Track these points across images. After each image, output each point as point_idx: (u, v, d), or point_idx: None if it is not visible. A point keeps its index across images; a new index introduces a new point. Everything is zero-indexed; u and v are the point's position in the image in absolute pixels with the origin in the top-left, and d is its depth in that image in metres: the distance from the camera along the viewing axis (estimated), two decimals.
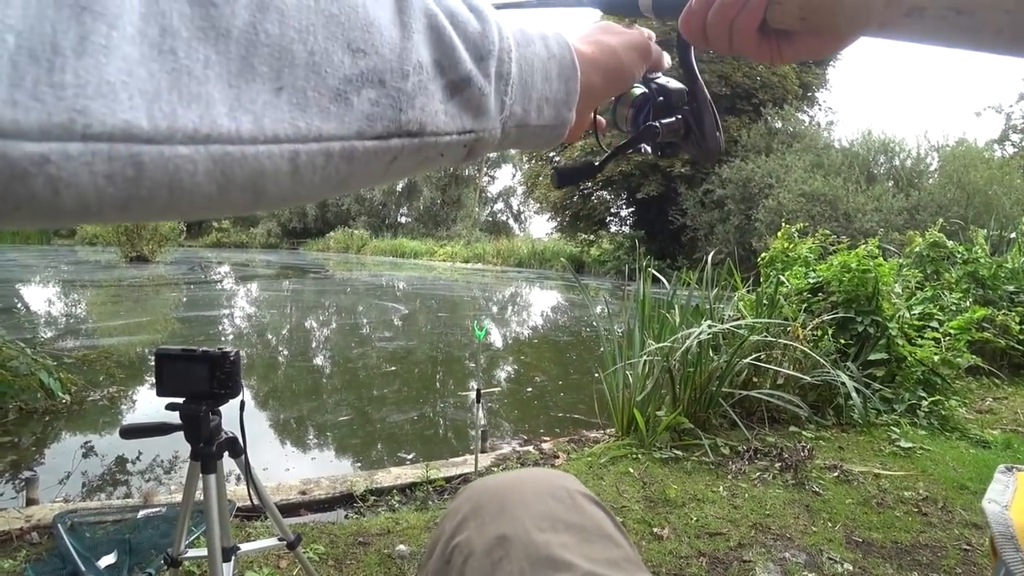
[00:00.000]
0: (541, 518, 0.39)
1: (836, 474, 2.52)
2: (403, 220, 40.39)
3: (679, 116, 0.45)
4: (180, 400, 0.94)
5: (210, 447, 0.97)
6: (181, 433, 0.99)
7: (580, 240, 26.05)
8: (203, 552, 1.13)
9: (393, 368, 5.22)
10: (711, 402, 2.96)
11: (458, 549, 0.39)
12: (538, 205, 28.01)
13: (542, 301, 13.14)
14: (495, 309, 10.65)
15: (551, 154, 25.33)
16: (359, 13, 0.24)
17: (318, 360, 5.70)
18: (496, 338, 7.30)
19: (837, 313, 3.66)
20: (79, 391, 3.70)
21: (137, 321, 7.23)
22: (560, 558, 0.35)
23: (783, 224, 5.11)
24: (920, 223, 12.08)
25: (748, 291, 3.89)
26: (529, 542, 0.36)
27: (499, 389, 4.68)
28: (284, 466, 2.95)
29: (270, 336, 6.83)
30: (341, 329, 7.70)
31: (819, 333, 3.50)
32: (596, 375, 3.70)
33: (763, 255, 4.91)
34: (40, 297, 9.80)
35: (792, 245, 4.73)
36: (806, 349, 3.19)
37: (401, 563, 1.70)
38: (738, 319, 3.29)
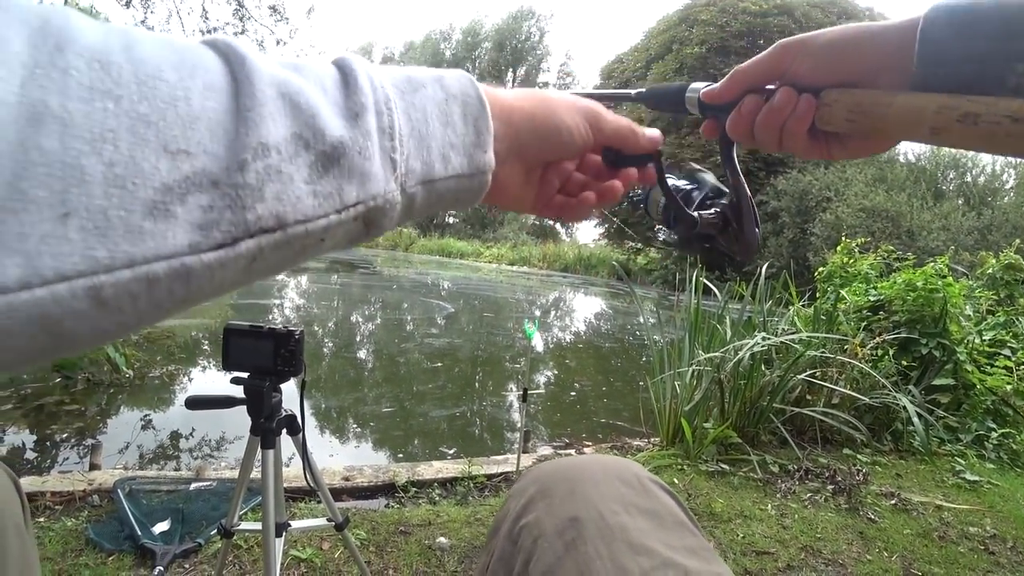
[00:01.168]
0: (613, 501, 0.37)
1: (893, 502, 2.39)
2: (451, 220, 40.84)
3: (719, 210, 0.45)
4: (244, 375, 0.97)
5: (270, 423, 0.99)
6: (233, 413, 1.02)
7: (627, 248, 25.72)
8: (255, 525, 1.16)
9: (436, 365, 5.28)
10: (761, 417, 2.86)
11: (527, 529, 0.37)
12: None
13: (586, 307, 13.04)
14: (539, 312, 10.62)
15: None
16: (179, 108, 0.21)
17: (363, 353, 5.82)
18: (539, 341, 7.28)
19: (900, 333, 3.48)
20: (141, 367, 3.88)
21: (197, 307, 7.54)
22: (639, 543, 0.33)
23: (842, 239, 4.91)
24: (992, 244, 11.38)
25: (804, 306, 3.75)
26: (604, 525, 0.34)
27: (542, 392, 4.66)
28: (327, 452, 3.03)
29: (317, 327, 7.01)
30: (387, 324, 7.83)
31: (879, 353, 3.33)
32: (641, 384, 3.64)
33: (820, 269, 4.72)
34: None
35: (852, 260, 4.54)
36: (865, 368, 3.04)
37: (441, 555, 1.71)
38: (793, 333, 3.18)
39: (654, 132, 0.43)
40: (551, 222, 43.32)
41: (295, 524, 1.20)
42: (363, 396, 4.08)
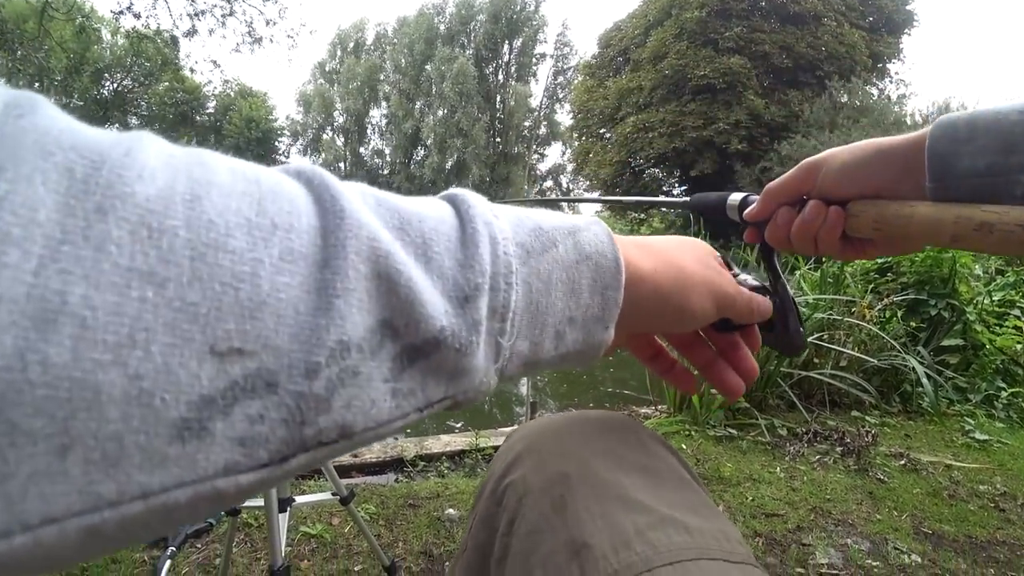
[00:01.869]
0: (606, 456, 0.33)
1: (903, 462, 2.38)
2: None
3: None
4: None
5: None
6: None
7: (630, 219, 25.59)
8: (260, 503, 1.15)
9: None
10: (769, 381, 2.85)
11: (512, 488, 0.33)
12: (588, 183, 27.60)
13: None
14: None
15: None
16: (240, 292, 0.16)
17: None
18: None
19: (908, 294, 3.45)
20: None
21: None
22: (634, 499, 0.30)
23: None
24: None
25: (810, 269, 3.71)
26: (596, 481, 0.31)
27: None
28: None
29: None
30: None
31: (888, 314, 3.30)
32: None
33: None
34: None
35: None
36: (873, 330, 3.01)
37: (450, 526, 1.71)
38: (800, 296, 3.14)
39: (765, 303, 0.40)
40: (552, 195, 43.10)
41: (300, 499, 1.19)
42: None
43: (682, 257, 0.33)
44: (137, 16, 6.53)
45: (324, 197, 0.20)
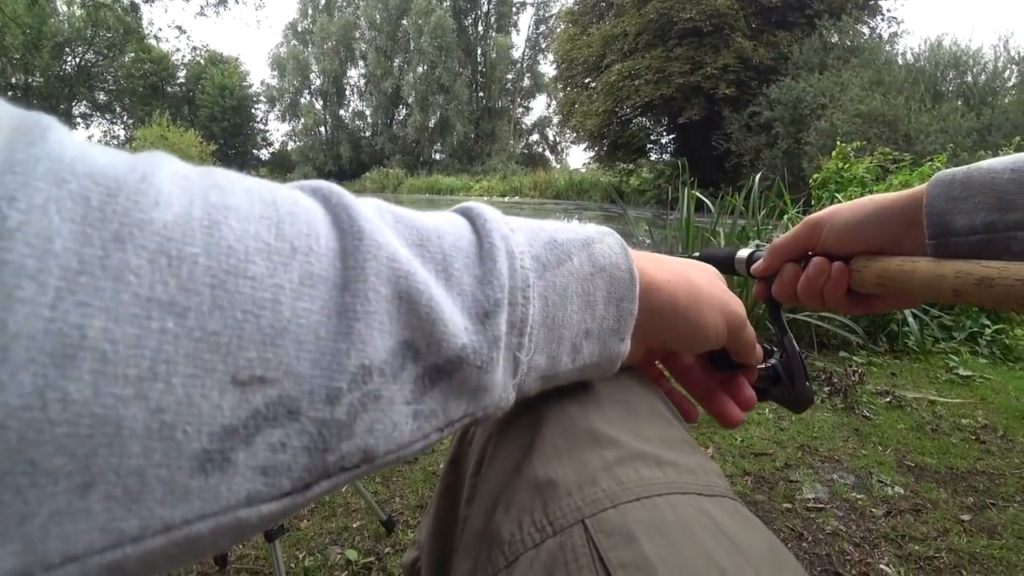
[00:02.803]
0: (580, 393, 0.32)
1: (888, 399, 2.43)
2: (437, 157, 40.04)
3: (771, 366, 0.49)
4: None
5: None
6: None
7: (619, 169, 25.34)
8: None
9: None
10: (757, 325, 2.87)
11: (481, 431, 0.32)
12: (574, 134, 27.18)
13: None
14: None
15: None
16: (262, 319, 0.16)
17: None
18: None
19: None
20: None
21: None
22: (602, 433, 0.28)
23: (837, 145, 4.79)
24: (992, 145, 11.18)
25: (798, 213, 3.70)
26: (567, 418, 0.29)
27: None
28: None
29: None
30: None
31: None
32: None
33: (815, 176, 4.64)
34: None
35: (847, 165, 4.45)
36: None
37: None
38: None
39: (760, 350, 0.40)
40: (540, 149, 42.53)
41: None
42: None
43: (695, 275, 0.33)
44: None
45: (342, 217, 0.19)
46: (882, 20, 22.32)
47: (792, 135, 16.22)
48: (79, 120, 36.98)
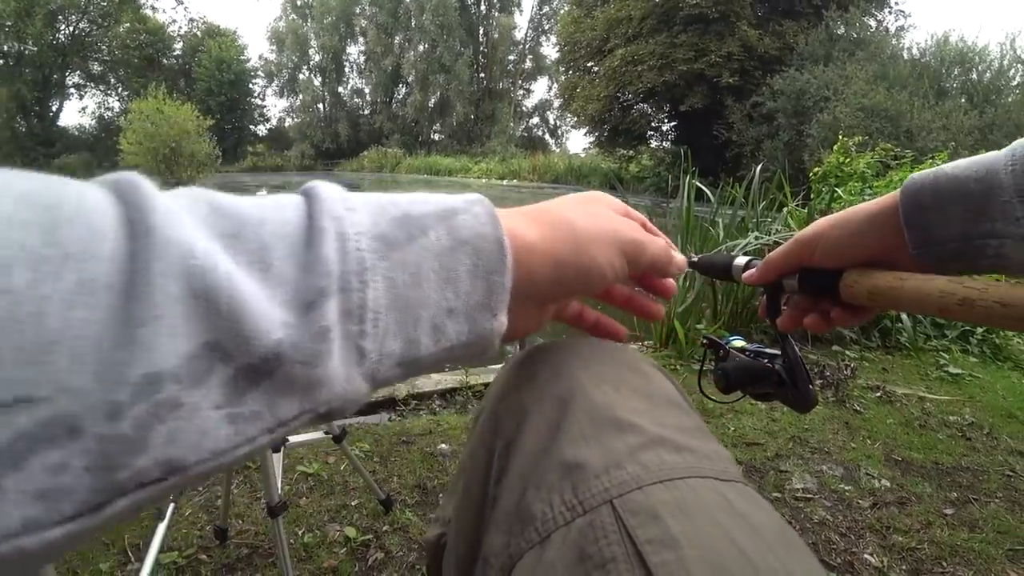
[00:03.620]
0: (601, 380, 0.33)
1: (879, 394, 2.47)
2: (436, 137, 39.75)
3: (775, 370, 0.51)
4: None
5: None
6: None
7: (619, 156, 25.23)
8: None
9: None
10: (753, 317, 2.91)
11: (509, 412, 0.33)
12: (575, 119, 26.97)
13: None
14: None
15: None
16: (25, 332, 0.14)
17: None
18: None
19: None
20: None
21: None
22: (625, 419, 0.30)
23: (839, 138, 4.79)
24: (993, 143, 11.14)
25: (798, 206, 3.71)
26: (591, 405, 0.31)
27: None
28: None
29: None
30: None
31: None
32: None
33: (815, 169, 4.65)
34: None
35: (848, 159, 4.45)
36: None
37: (443, 460, 1.77)
38: (787, 232, 3.16)
39: (682, 258, 0.40)
40: (540, 133, 42.25)
41: (293, 439, 1.22)
42: None
43: (577, 215, 0.31)
44: None
45: (133, 216, 0.18)
46: (889, 13, 22.11)
47: (794, 127, 16.16)
48: (72, 90, 36.53)
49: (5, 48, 30.46)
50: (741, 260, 0.56)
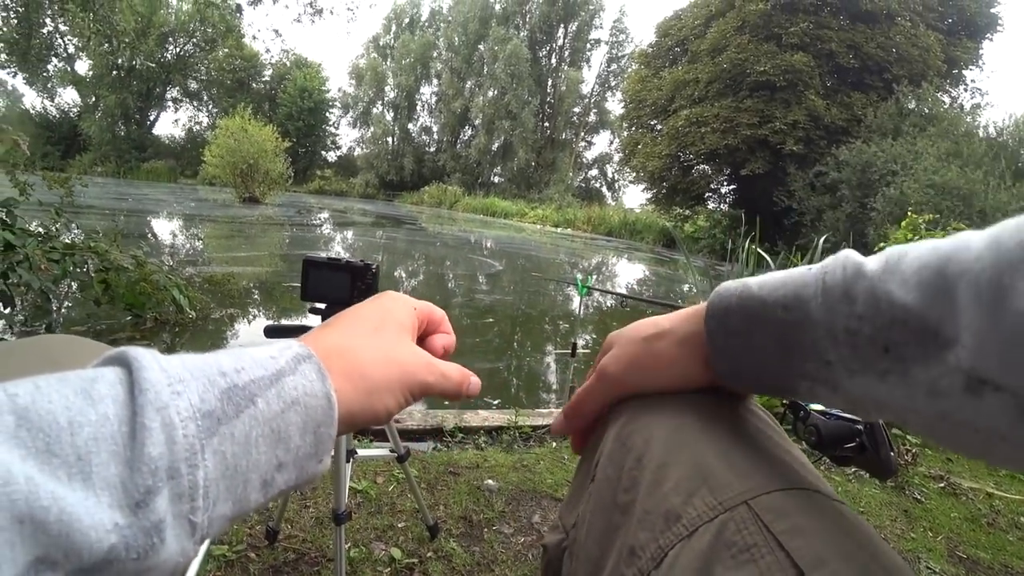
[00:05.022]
0: (715, 408, 0.41)
1: (942, 485, 2.34)
2: (496, 179, 40.71)
3: (857, 434, 0.51)
4: (321, 305, 1.01)
5: None
6: None
7: (675, 214, 25.16)
8: None
9: (478, 320, 5.36)
10: None
11: (637, 432, 0.39)
12: (634, 174, 27.19)
13: (630, 272, 12.92)
14: (580, 276, 10.60)
15: None
16: None
17: None
18: (582, 304, 7.28)
19: None
20: (202, 309, 4.09)
21: (248, 255, 7.85)
22: (739, 443, 0.38)
23: (907, 214, 4.67)
24: None
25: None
26: (708, 426, 0.38)
27: (588, 351, 4.70)
28: None
29: None
30: (429, 279, 7.97)
31: None
32: None
33: (880, 245, 4.53)
34: (170, 228, 10.85)
35: (917, 237, 4.33)
36: None
37: (490, 495, 1.79)
38: None
39: (476, 384, 0.40)
40: (598, 184, 42.67)
41: (361, 452, 1.28)
42: None
43: (368, 356, 0.32)
44: None
45: None
46: (965, 90, 21.62)
47: (858, 199, 15.78)
48: (170, 103, 40.68)
49: (119, 61, 34.18)
50: None
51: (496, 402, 3.16)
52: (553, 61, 40.80)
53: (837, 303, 0.31)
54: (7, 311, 2.94)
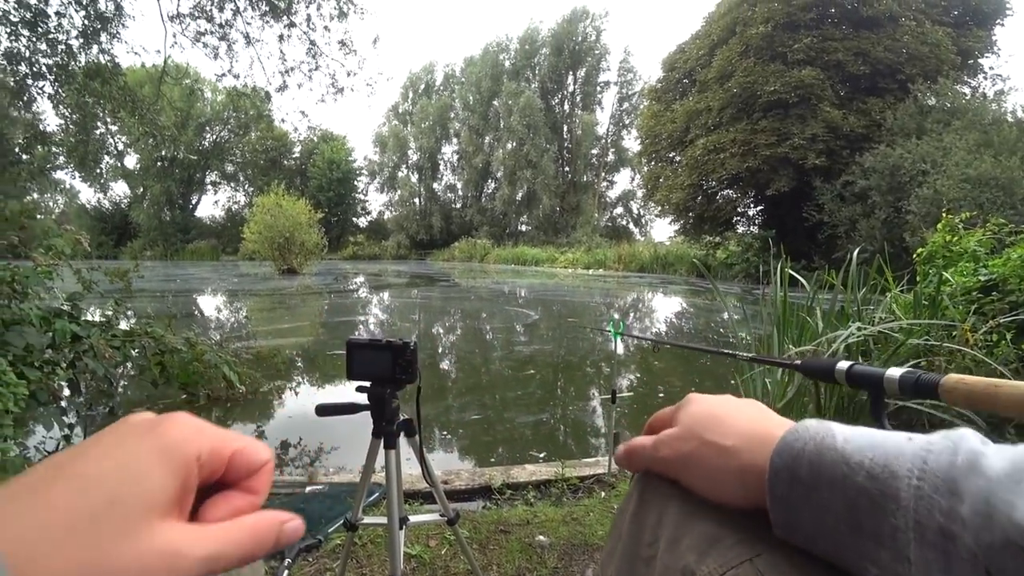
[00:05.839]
0: (697, 502, 0.42)
1: None
2: (523, 228, 41.30)
3: None
4: (367, 383, 1.10)
5: (391, 426, 1.12)
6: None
7: (705, 243, 24.95)
8: (377, 519, 1.28)
9: (519, 372, 5.38)
10: (862, 413, 2.73)
11: (657, 495, 0.43)
12: (659, 208, 27.23)
13: (666, 306, 12.78)
14: (617, 316, 10.52)
15: None
16: None
17: (447, 363, 6.02)
18: (621, 344, 7.23)
19: (1019, 314, 3.21)
20: (252, 383, 4.24)
21: (291, 326, 8.11)
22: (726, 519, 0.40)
23: (943, 215, 4.56)
24: None
25: (902, 291, 3.53)
26: (701, 509, 0.40)
27: (631, 395, 4.66)
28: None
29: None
30: (467, 335, 8.05)
31: (995, 338, 3.09)
32: (732, 382, 3.56)
33: (919, 250, 4.42)
34: (215, 305, 11.35)
35: (956, 238, 4.22)
36: (979, 355, 2.83)
37: (542, 552, 1.78)
38: (891, 321, 3.01)
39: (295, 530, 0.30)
40: (624, 222, 42.79)
41: (413, 518, 1.31)
42: (450, 403, 4.25)
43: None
44: (236, 77, 7.30)
45: None
46: (984, 79, 21.18)
47: (891, 204, 15.40)
48: (210, 187, 44.22)
49: (163, 153, 37.58)
50: (843, 365, 0.61)
51: (542, 455, 3.15)
52: (566, 107, 41.86)
53: (936, 494, 0.26)
54: (73, 397, 3.14)
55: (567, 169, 41.30)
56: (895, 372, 0.56)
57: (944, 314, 3.14)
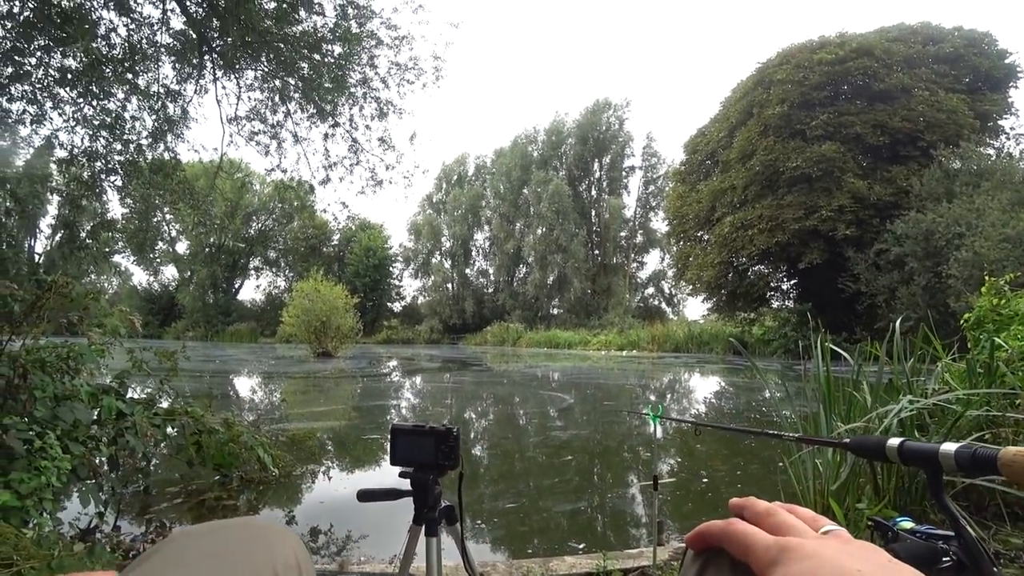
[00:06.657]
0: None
1: None
2: (555, 311, 41.37)
3: (949, 557, 0.50)
4: (409, 468, 1.08)
5: (433, 512, 1.09)
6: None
7: (739, 319, 24.49)
8: None
9: (555, 458, 5.21)
10: (925, 492, 2.54)
11: (711, 566, 0.40)
12: (691, 287, 27.08)
13: (704, 387, 12.40)
14: (653, 398, 10.23)
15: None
16: None
17: (479, 448, 5.88)
18: (660, 429, 6.98)
19: None
20: (284, 466, 4.21)
21: (325, 409, 8.11)
22: None
23: (986, 277, 4.40)
24: None
25: (953, 359, 3.36)
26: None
27: (673, 480, 4.43)
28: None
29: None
30: (500, 420, 7.90)
31: None
32: (779, 464, 3.37)
33: (966, 316, 4.25)
34: (251, 386, 11.51)
35: (1003, 300, 4.05)
36: None
37: None
38: (946, 392, 2.85)
39: None
40: (656, 302, 42.56)
41: None
42: (485, 491, 4.10)
43: None
44: (284, 171, 7.80)
45: None
46: (1007, 138, 21.10)
47: (929, 269, 15.00)
48: (252, 272, 46.64)
49: (212, 240, 40.43)
50: (895, 442, 0.58)
51: (581, 546, 2.98)
52: (593, 193, 43.05)
53: None
54: (110, 473, 3.15)
55: (597, 252, 41.84)
56: (950, 447, 0.53)
57: (1003, 381, 2.96)
